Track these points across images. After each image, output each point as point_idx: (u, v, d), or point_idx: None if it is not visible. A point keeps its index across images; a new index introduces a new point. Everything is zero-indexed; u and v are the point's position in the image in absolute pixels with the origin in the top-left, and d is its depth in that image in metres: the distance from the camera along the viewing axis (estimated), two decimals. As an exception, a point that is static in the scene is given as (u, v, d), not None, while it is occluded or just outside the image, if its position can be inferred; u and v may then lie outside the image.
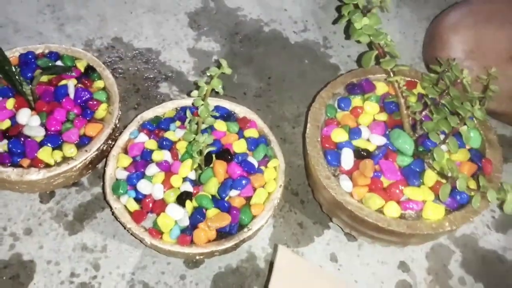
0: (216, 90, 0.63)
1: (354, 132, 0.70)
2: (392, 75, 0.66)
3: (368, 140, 0.70)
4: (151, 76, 0.87)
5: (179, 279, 0.68)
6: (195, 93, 0.67)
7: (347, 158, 0.67)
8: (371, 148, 0.69)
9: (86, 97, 0.74)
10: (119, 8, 0.96)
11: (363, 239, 0.71)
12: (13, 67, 0.70)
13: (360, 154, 0.68)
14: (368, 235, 0.68)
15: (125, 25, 0.94)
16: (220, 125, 0.72)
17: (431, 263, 0.73)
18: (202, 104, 0.63)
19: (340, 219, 0.69)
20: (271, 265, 0.68)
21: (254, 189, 0.68)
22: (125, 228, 0.66)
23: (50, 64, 0.76)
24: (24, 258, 0.68)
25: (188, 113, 0.66)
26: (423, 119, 0.69)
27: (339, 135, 0.69)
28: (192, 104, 0.74)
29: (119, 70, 0.87)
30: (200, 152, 0.66)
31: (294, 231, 0.74)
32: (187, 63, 0.90)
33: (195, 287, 0.68)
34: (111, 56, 0.89)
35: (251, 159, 0.70)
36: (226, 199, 0.67)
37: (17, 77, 0.70)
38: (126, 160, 0.69)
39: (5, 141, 0.69)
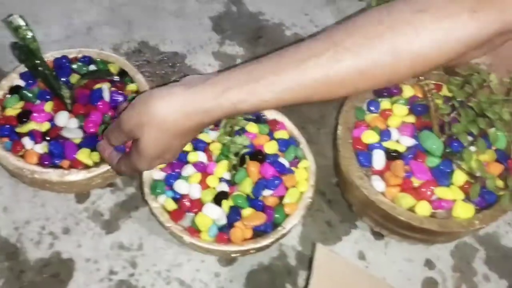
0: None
1: (384, 134, 0.72)
2: (422, 78, 0.69)
3: (397, 141, 0.72)
4: (178, 79, 0.89)
5: (214, 276, 0.70)
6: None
7: (379, 159, 0.70)
8: (401, 149, 0.71)
9: (120, 100, 0.76)
10: (145, 13, 0.98)
11: (391, 238, 0.73)
12: (53, 72, 0.72)
13: (391, 155, 0.70)
14: (398, 234, 0.70)
15: (151, 30, 0.96)
16: (252, 127, 0.74)
17: (456, 260, 0.75)
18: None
19: (371, 218, 0.71)
20: (309, 263, 0.70)
21: (286, 189, 0.70)
22: (163, 227, 0.68)
23: (85, 69, 0.78)
24: (63, 256, 0.70)
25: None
26: (451, 121, 0.71)
27: (369, 137, 0.72)
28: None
29: (147, 74, 0.89)
30: (237, 153, 0.68)
31: (323, 229, 0.76)
32: (212, 66, 0.92)
33: (229, 284, 0.70)
34: (139, 59, 0.91)
35: (282, 160, 0.72)
36: (260, 198, 0.69)
37: (56, 81, 0.72)
38: (162, 161, 0.71)
39: (45, 143, 0.71)
